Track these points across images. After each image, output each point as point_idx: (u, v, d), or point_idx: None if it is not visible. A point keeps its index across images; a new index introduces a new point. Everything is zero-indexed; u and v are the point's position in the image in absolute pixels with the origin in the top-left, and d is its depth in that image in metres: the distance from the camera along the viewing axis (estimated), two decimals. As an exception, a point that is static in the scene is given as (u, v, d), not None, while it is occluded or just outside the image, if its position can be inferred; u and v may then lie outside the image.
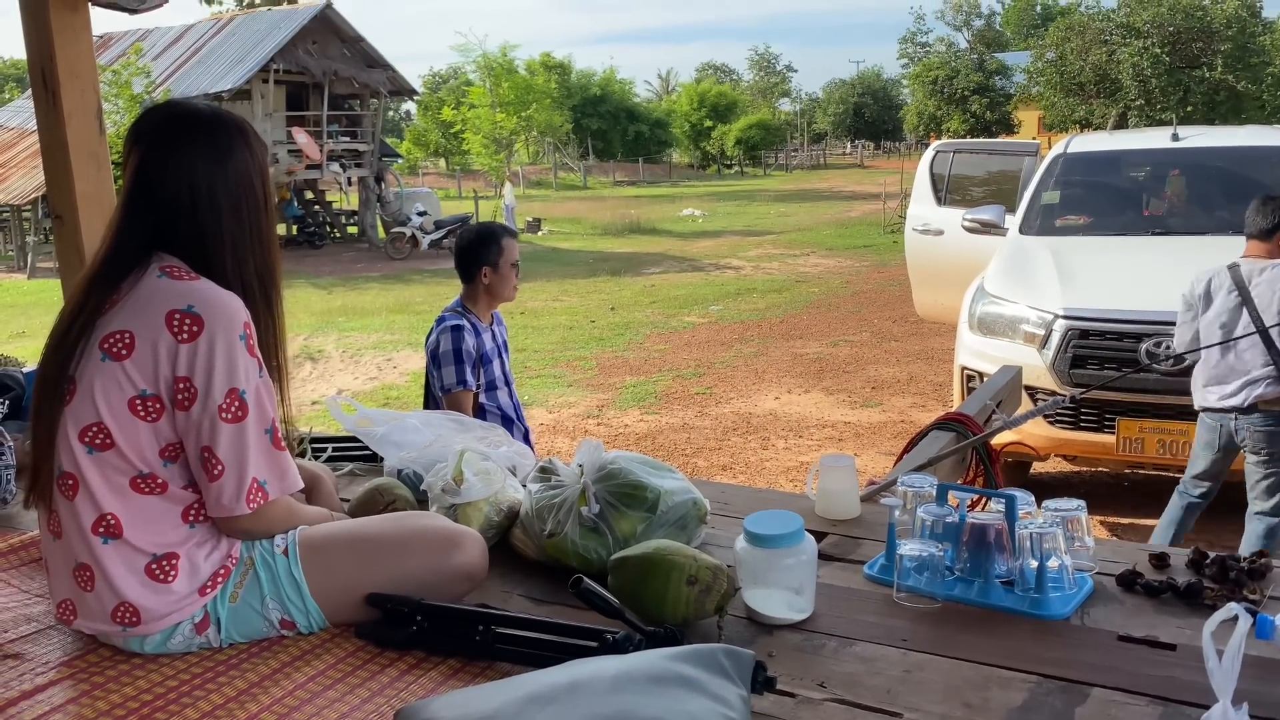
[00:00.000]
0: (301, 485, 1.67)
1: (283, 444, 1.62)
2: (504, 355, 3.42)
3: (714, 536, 1.90)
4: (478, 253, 3.31)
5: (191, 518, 1.59)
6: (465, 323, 3.28)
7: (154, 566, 1.55)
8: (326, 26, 21.95)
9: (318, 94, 22.14)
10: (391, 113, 49.63)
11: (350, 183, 23.86)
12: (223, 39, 22.17)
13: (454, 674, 1.48)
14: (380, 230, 22.76)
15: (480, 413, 3.33)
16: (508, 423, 3.41)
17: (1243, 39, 30.19)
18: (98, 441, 1.52)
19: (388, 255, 20.23)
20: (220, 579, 1.59)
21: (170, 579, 1.55)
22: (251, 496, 1.56)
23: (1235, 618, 1.10)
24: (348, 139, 22.96)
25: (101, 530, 1.53)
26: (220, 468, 1.53)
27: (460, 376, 3.20)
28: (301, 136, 21.06)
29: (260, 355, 1.60)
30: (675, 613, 1.52)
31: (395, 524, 1.75)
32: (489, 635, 1.50)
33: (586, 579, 1.50)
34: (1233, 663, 1.11)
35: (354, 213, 24.71)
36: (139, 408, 1.51)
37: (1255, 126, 8.71)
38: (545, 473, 1.86)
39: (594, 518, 1.73)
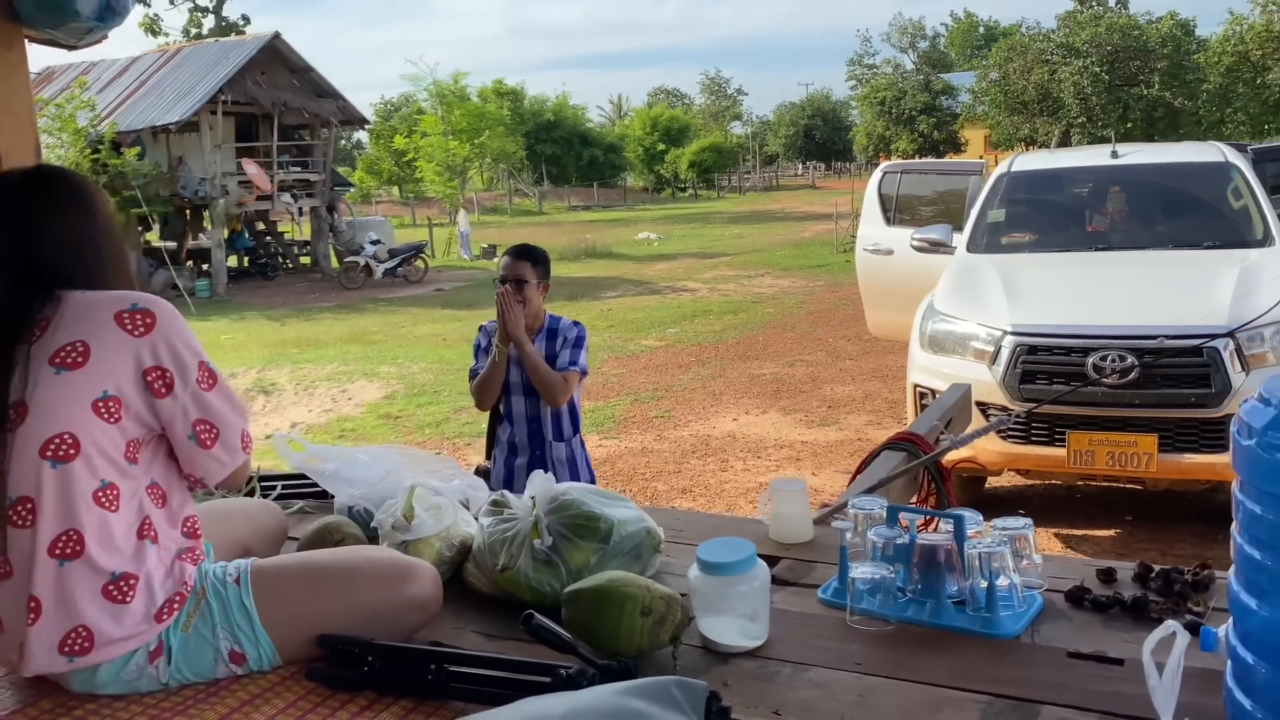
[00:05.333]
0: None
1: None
2: (521, 366, 3.38)
3: (668, 565, 1.90)
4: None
5: (146, 535, 1.57)
6: (491, 325, 3.41)
7: (111, 587, 1.53)
8: (275, 57, 21.82)
9: (267, 124, 21.96)
10: (343, 142, 49.39)
11: (302, 213, 23.69)
12: (170, 70, 21.94)
13: (406, 715, 1.46)
14: (333, 260, 22.59)
15: (496, 414, 3.42)
16: (513, 436, 3.40)
17: (1178, 57, 31.06)
18: (61, 453, 1.52)
19: (341, 285, 20.06)
20: (175, 605, 1.58)
21: (128, 599, 1.53)
22: (245, 442, 1.67)
23: (1174, 635, 1.12)
24: (299, 169, 22.79)
25: (60, 551, 1.51)
26: (214, 432, 1.62)
27: (471, 371, 3.44)
28: (251, 168, 20.87)
29: None
30: (630, 644, 1.51)
31: (347, 555, 1.76)
32: (441, 674, 1.48)
33: (538, 615, 1.49)
34: (1172, 680, 1.13)
35: (306, 243, 24.51)
36: (101, 410, 1.54)
37: (1191, 143, 8.95)
38: (497, 506, 1.85)
39: (547, 550, 1.72)
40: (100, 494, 1.54)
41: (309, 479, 2.33)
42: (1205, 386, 4.47)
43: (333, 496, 2.17)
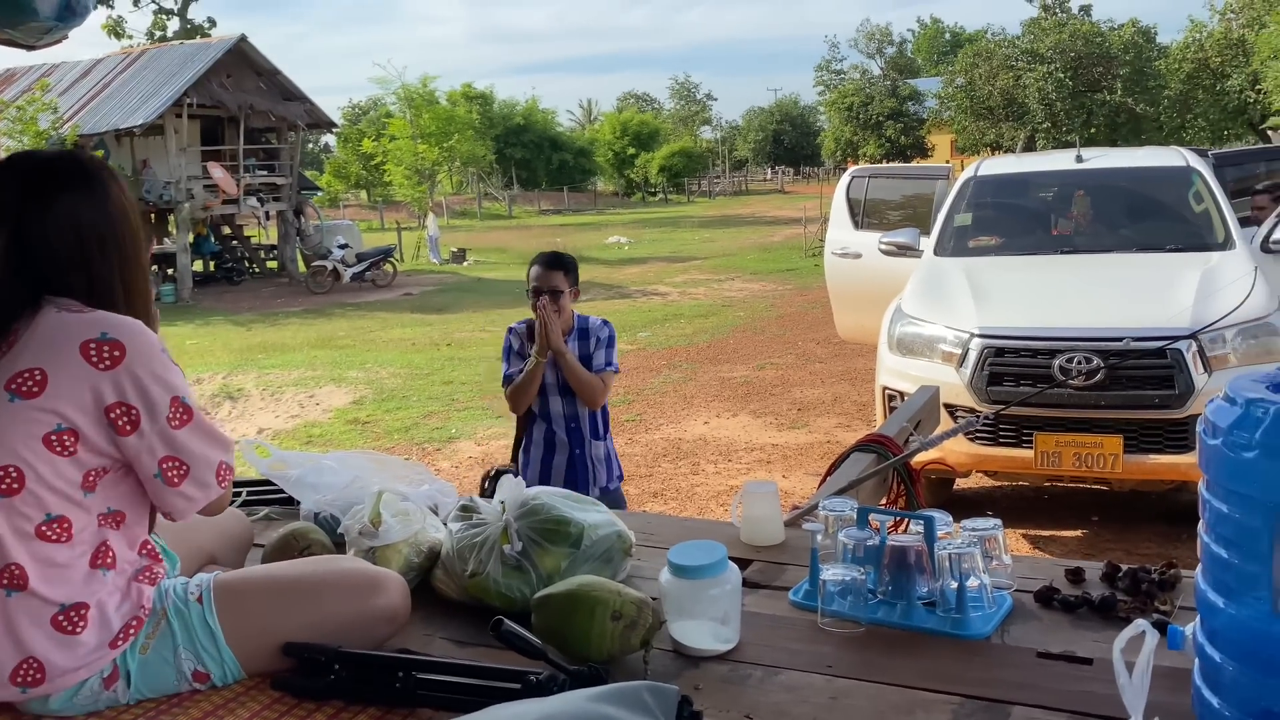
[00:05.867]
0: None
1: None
2: (558, 366, 3.39)
3: (639, 569, 1.89)
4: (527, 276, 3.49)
5: (100, 563, 1.53)
6: (522, 325, 3.46)
7: (61, 618, 1.48)
8: (241, 60, 21.62)
9: (233, 128, 21.75)
10: (310, 145, 49.04)
11: (269, 217, 23.45)
12: (133, 73, 21.67)
13: (374, 723, 1.44)
14: (301, 264, 22.40)
15: (530, 416, 3.42)
16: (551, 435, 3.43)
17: (1140, 63, 31.54)
18: (4, 486, 1.46)
19: (309, 289, 19.88)
20: (132, 630, 1.53)
21: (79, 630, 1.48)
22: (222, 476, 1.59)
23: (1143, 634, 1.12)
24: (265, 173, 22.57)
25: (4, 583, 1.46)
26: (184, 470, 1.54)
27: (504, 376, 3.42)
28: (217, 171, 20.65)
29: None
30: (600, 649, 1.50)
31: (314, 567, 1.71)
32: (409, 681, 1.46)
33: (507, 620, 1.48)
34: (1142, 679, 1.13)
35: (273, 247, 24.27)
36: (55, 443, 1.47)
37: (1153, 147, 9.08)
38: (466, 511, 1.83)
39: (516, 556, 1.70)
40: (46, 527, 1.48)
41: (275, 485, 2.30)
42: (1169, 388, 4.52)
43: (299, 503, 2.15)
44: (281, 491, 2.31)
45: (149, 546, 1.62)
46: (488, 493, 3.30)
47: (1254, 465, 1.08)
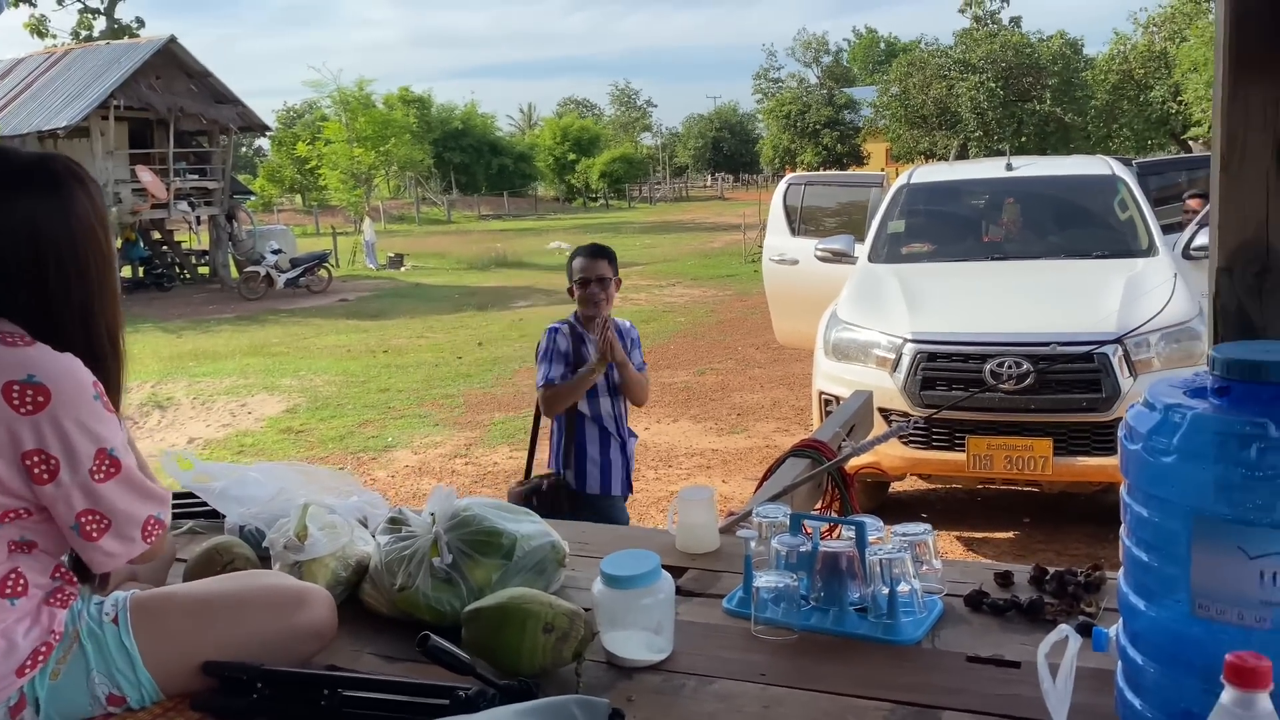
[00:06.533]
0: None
1: (151, 475, 1.56)
2: (610, 367, 3.41)
3: (574, 579, 1.87)
4: (568, 272, 3.52)
5: (9, 592, 1.45)
6: (564, 325, 3.46)
7: None
8: (171, 61, 21.16)
9: (163, 130, 21.28)
10: (244, 149, 48.14)
11: (200, 221, 22.98)
12: (57, 73, 21.08)
13: (297, 744, 1.40)
14: (233, 270, 21.97)
15: (578, 417, 3.41)
16: (605, 434, 3.44)
17: (1067, 74, 32.34)
18: None
19: (241, 296, 19.50)
20: (41, 657, 1.46)
21: None
22: (147, 530, 1.49)
23: (1066, 638, 1.13)
24: (196, 177, 22.11)
25: None
26: (104, 524, 1.44)
27: (544, 374, 3.39)
28: (146, 175, 20.18)
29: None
30: (532, 663, 1.47)
31: (236, 583, 1.65)
32: (335, 699, 1.42)
33: (434, 636, 1.44)
34: (1066, 683, 1.14)
35: (205, 252, 23.79)
36: None
37: (1081, 156, 9.27)
38: (395, 523, 1.79)
39: (447, 568, 1.67)
40: None
41: (198, 498, 2.24)
42: (1096, 391, 4.63)
43: (223, 516, 2.09)
44: (205, 504, 2.24)
45: (62, 569, 1.55)
46: (535, 509, 3.28)
47: (1172, 470, 1.10)
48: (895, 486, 5.83)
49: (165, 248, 23.42)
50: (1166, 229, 6.11)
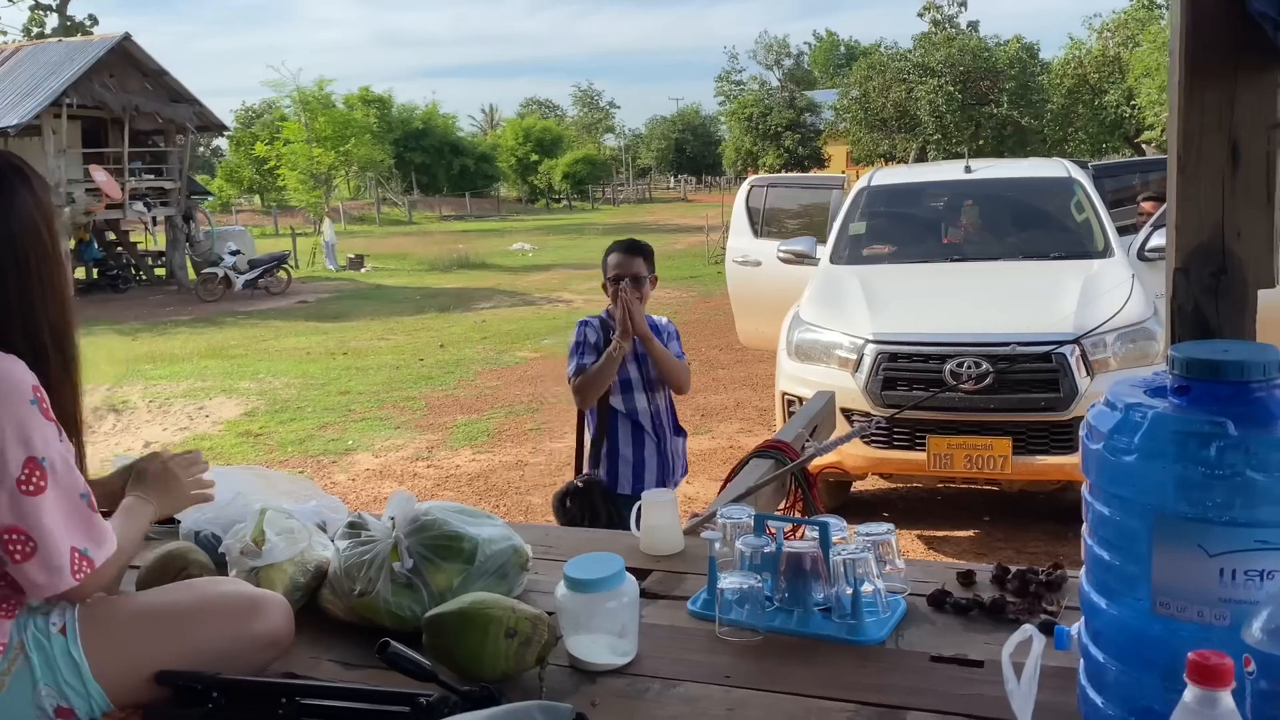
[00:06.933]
0: (116, 547, 1.51)
1: (96, 508, 1.47)
2: (644, 361, 3.30)
3: (537, 583, 1.85)
4: (602, 266, 3.40)
5: None
6: (595, 320, 3.36)
7: None
8: (125, 59, 20.82)
9: (117, 130, 20.93)
10: (201, 149, 47.50)
11: (156, 222, 22.64)
12: (8, 71, 20.66)
13: (254, 754, 1.37)
14: (190, 271, 21.67)
15: (611, 414, 3.31)
16: (639, 431, 3.32)
17: (1024, 78, 32.81)
18: None
19: (199, 297, 19.23)
20: None
21: None
22: (75, 567, 1.40)
23: (1030, 638, 1.14)
24: (152, 177, 21.78)
25: None
26: (30, 545, 1.37)
27: (574, 365, 3.30)
28: (100, 175, 19.83)
29: (57, 419, 1.43)
30: (495, 668, 1.46)
31: (189, 591, 1.61)
32: (293, 708, 1.39)
33: (394, 642, 1.42)
34: (1030, 683, 1.15)
35: (161, 254, 23.43)
36: None
37: (1037, 159, 9.40)
38: (354, 528, 1.76)
39: (407, 573, 1.65)
40: None
41: (152, 503, 2.19)
42: (1054, 391, 4.69)
43: (177, 521, 2.04)
44: (160, 510, 2.19)
45: (8, 577, 1.51)
46: (572, 511, 3.23)
47: (1133, 469, 1.11)
48: (857, 486, 5.86)
49: (120, 249, 23.04)
50: (1122, 230, 6.20)
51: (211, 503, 1.83)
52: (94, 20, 37.61)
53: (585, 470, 3.39)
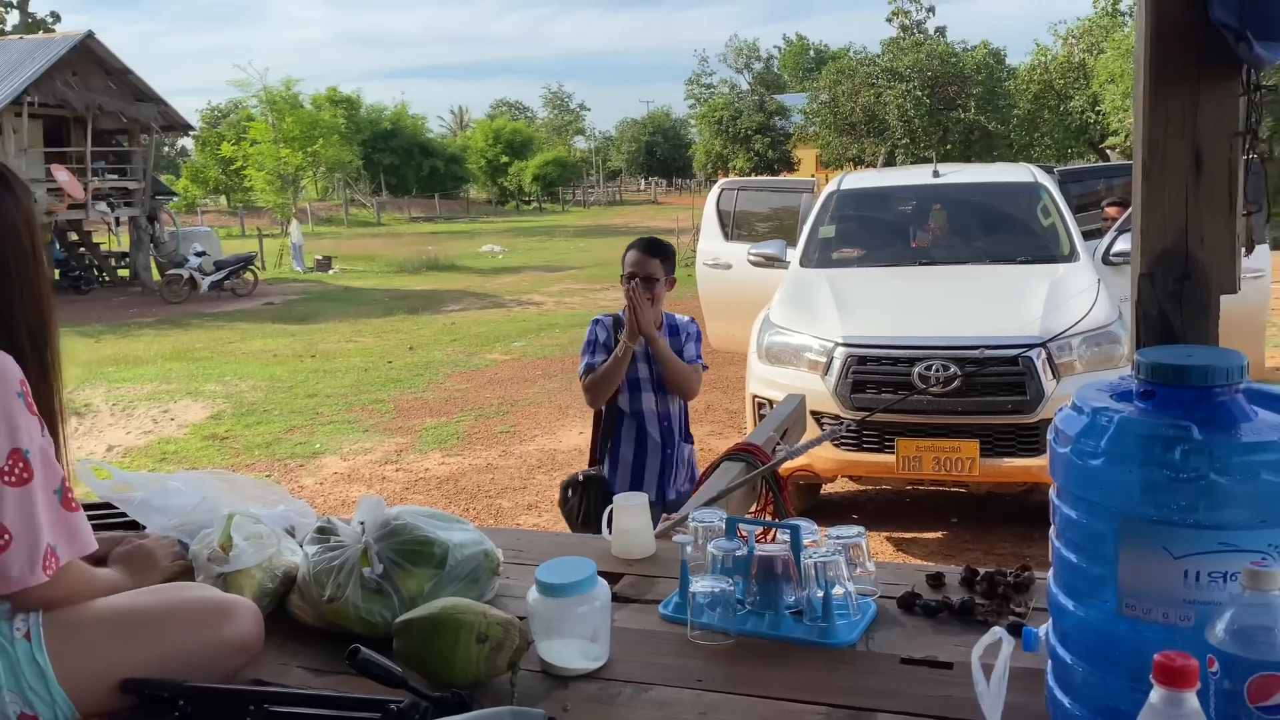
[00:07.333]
0: (95, 546, 1.51)
1: (75, 505, 1.47)
2: (654, 361, 3.26)
3: (509, 587, 1.84)
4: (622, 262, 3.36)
5: None
6: (608, 318, 3.33)
7: None
8: (88, 57, 20.53)
9: (80, 129, 20.64)
10: (166, 149, 46.95)
11: (120, 223, 22.34)
12: (-34, 67, 20.30)
13: (222, 763, 1.36)
14: (155, 273, 21.40)
15: (617, 414, 3.28)
16: (642, 434, 3.28)
17: (991, 84, 33.14)
18: None
19: (164, 299, 19.00)
20: None
21: None
22: (47, 563, 1.40)
23: (999, 640, 1.15)
24: (116, 176, 21.49)
25: None
26: (6, 536, 1.37)
27: (584, 364, 3.28)
28: (62, 174, 19.55)
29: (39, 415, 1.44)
30: (466, 673, 1.45)
31: (157, 597, 1.59)
32: (262, 715, 1.37)
33: (364, 648, 1.41)
34: (999, 685, 1.16)
35: (125, 254, 23.12)
36: None
37: (1004, 164, 9.51)
38: (323, 533, 1.75)
39: (377, 579, 1.63)
40: None
41: (117, 509, 2.16)
42: (1021, 394, 4.74)
43: (143, 527, 2.02)
44: (124, 516, 2.16)
45: None
46: (571, 502, 3.21)
47: (1100, 472, 1.12)
48: (826, 488, 5.89)
49: (83, 249, 22.72)
50: (1087, 235, 6.28)
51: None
52: (56, 17, 37.09)
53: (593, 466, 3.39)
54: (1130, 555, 1.11)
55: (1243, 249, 1.59)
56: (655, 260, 3.25)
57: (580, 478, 3.30)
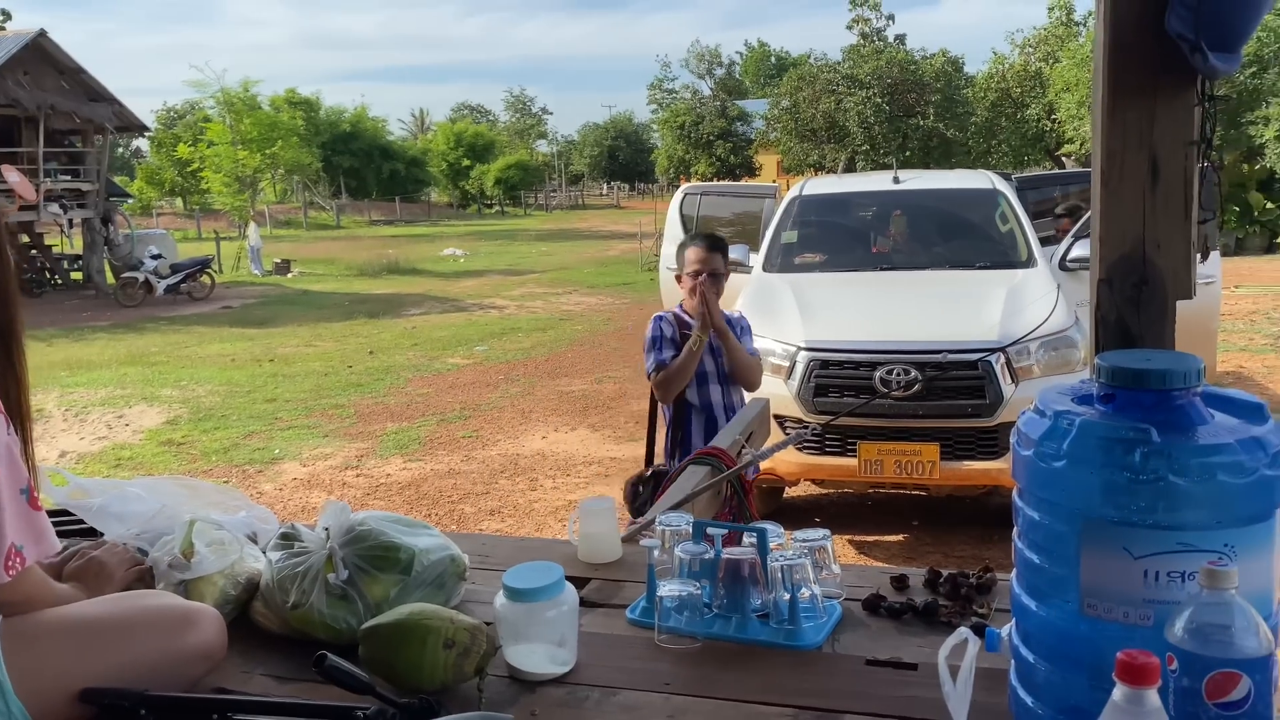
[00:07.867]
0: (59, 548, 1.48)
1: (39, 505, 1.44)
2: (719, 354, 3.34)
3: (475, 592, 1.83)
4: (679, 260, 3.42)
5: None
6: (669, 314, 3.39)
7: None
8: (40, 56, 20.17)
9: (32, 129, 20.26)
10: (121, 149, 46.22)
11: (73, 225, 21.94)
12: (-86, 66, 19.85)
13: (184, 773, 1.34)
14: (109, 275, 21.05)
15: (685, 407, 3.33)
16: (711, 425, 3.33)
17: (949, 91, 33.54)
18: None
19: (118, 302, 18.69)
20: None
21: None
22: (10, 563, 1.37)
23: (965, 641, 1.16)
24: (69, 178, 21.12)
25: None
26: None
27: (654, 360, 3.32)
28: (13, 175, 19.18)
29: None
30: (433, 679, 1.44)
31: (117, 605, 1.56)
32: (225, 724, 1.36)
33: (331, 655, 1.40)
34: (965, 685, 1.17)
35: (78, 257, 22.71)
36: None
37: (963, 170, 9.62)
38: (287, 539, 1.73)
39: (342, 584, 1.62)
40: None
41: (74, 516, 2.12)
42: (980, 398, 4.80)
43: (102, 534, 1.98)
44: (82, 523, 2.13)
45: None
46: (643, 496, 3.21)
47: (1062, 474, 1.14)
48: (789, 492, 5.92)
49: (34, 252, 22.29)
50: (1044, 241, 6.38)
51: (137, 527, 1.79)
52: (7, 15, 36.36)
53: (655, 463, 3.44)
54: (1091, 556, 1.13)
55: (1198, 255, 1.63)
56: (718, 255, 3.37)
57: (649, 473, 3.33)
